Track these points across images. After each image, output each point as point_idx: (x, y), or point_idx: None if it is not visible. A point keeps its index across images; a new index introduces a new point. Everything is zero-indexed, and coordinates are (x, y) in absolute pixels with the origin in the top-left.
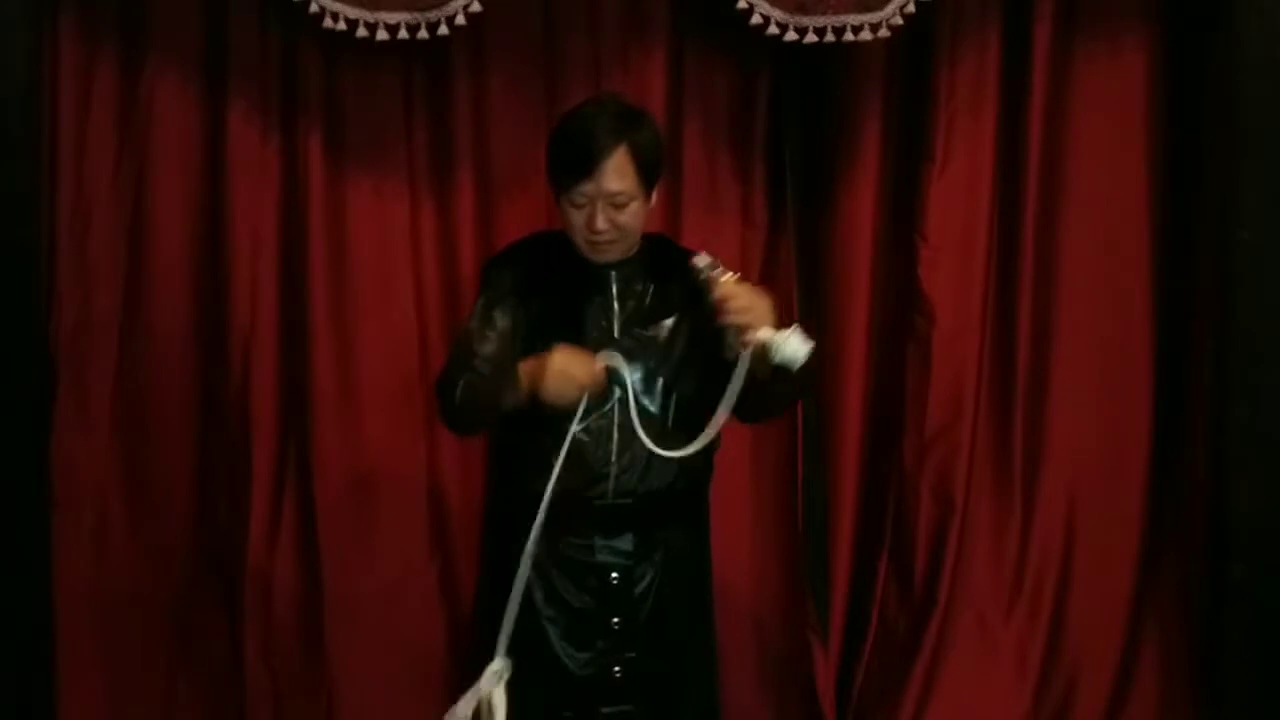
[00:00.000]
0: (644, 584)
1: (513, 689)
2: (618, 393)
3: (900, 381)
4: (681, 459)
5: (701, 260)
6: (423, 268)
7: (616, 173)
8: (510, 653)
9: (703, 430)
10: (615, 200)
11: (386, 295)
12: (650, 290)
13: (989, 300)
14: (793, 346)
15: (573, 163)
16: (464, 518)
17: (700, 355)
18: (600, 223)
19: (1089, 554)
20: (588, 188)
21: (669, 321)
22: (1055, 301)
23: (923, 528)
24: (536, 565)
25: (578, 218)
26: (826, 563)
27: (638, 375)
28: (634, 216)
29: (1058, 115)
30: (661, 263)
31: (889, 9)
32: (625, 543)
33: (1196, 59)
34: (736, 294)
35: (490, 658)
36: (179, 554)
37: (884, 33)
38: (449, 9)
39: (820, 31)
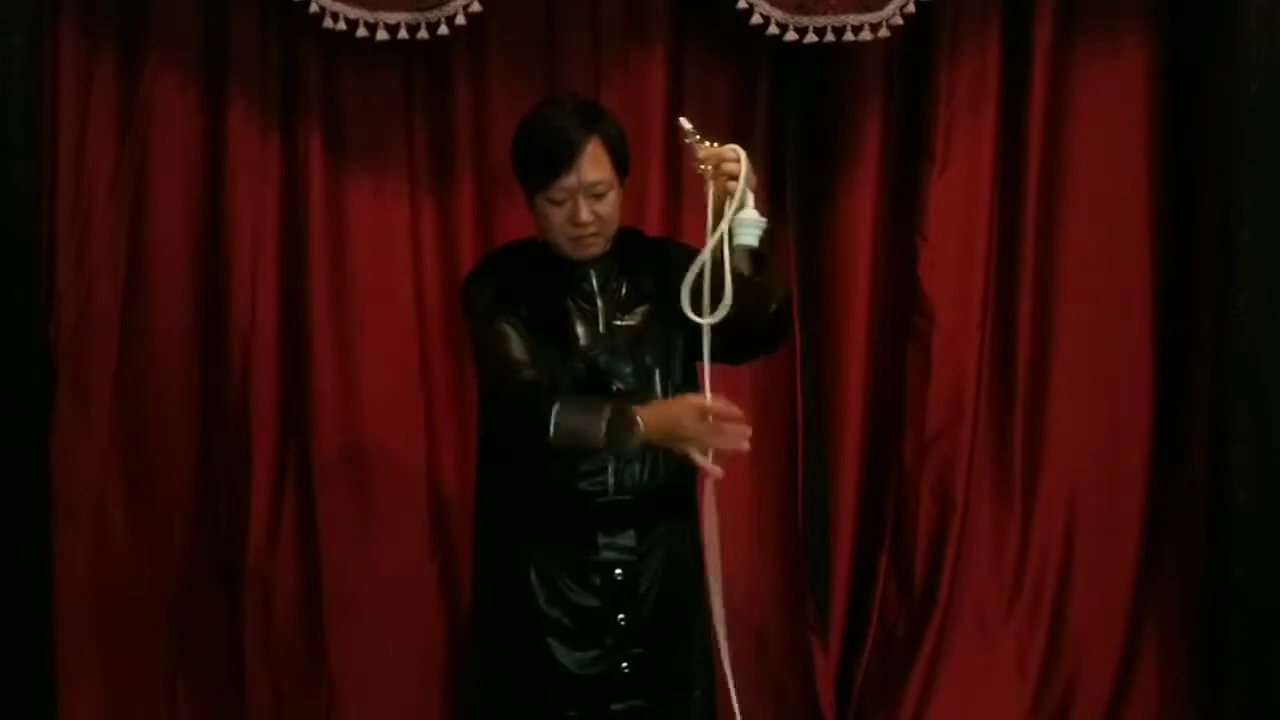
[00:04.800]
0: (648, 579)
1: (513, 692)
2: (615, 386)
3: (900, 381)
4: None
5: (687, 123)
6: (423, 268)
7: (594, 163)
8: (510, 657)
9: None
10: (595, 190)
11: (386, 295)
12: (625, 282)
13: (989, 300)
14: (751, 214)
15: (550, 159)
16: (463, 517)
17: (675, 334)
18: (584, 214)
19: (1089, 554)
20: (568, 181)
21: (643, 309)
22: (1055, 301)
23: (923, 528)
24: (538, 567)
25: (559, 215)
26: (826, 563)
27: (629, 370)
28: (613, 206)
29: (1058, 115)
30: (630, 253)
31: (889, 9)
32: (628, 539)
33: (1196, 59)
34: (724, 154)
35: (488, 655)
36: (179, 554)
37: (884, 33)
38: (449, 9)
39: (820, 31)
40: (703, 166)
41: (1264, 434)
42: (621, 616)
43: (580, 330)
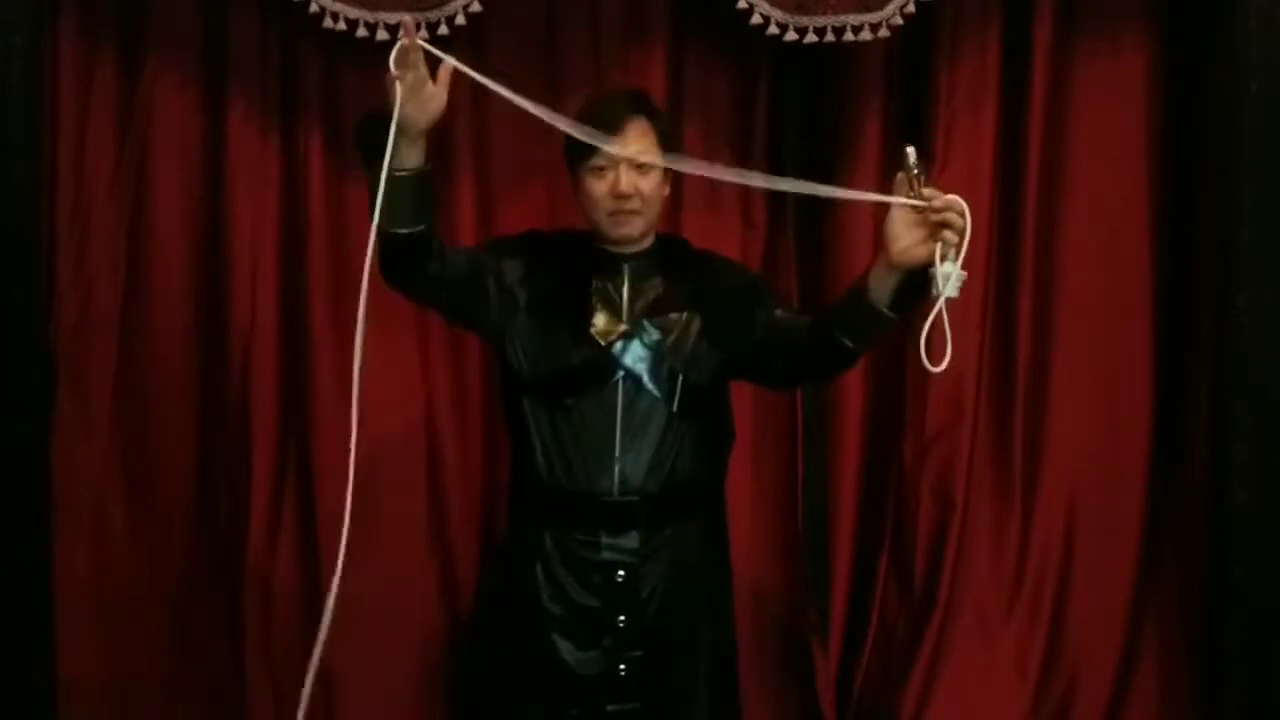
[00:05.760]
0: (650, 583)
1: (515, 688)
2: (619, 374)
3: (900, 381)
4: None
5: (914, 155)
6: None
7: (639, 136)
8: (512, 652)
9: (720, 417)
10: (637, 163)
11: (386, 295)
12: (661, 285)
13: (989, 300)
14: (957, 276)
15: (598, 127)
16: (464, 517)
17: (713, 349)
18: (625, 184)
19: (1089, 554)
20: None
21: (679, 316)
22: (1055, 301)
23: (923, 528)
24: (543, 563)
25: (600, 187)
26: (826, 563)
27: (644, 366)
28: (656, 186)
29: (1058, 115)
30: (674, 260)
31: (889, 9)
32: (631, 540)
33: (1196, 59)
34: (955, 206)
35: (492, 651)
36: (179, 554)
37: (884, 33)
38: (449, 9)
39: (820, 31)
40: (914, 198)
41: (1264, 434)
42: (622, 619)
43: (598, 315)
